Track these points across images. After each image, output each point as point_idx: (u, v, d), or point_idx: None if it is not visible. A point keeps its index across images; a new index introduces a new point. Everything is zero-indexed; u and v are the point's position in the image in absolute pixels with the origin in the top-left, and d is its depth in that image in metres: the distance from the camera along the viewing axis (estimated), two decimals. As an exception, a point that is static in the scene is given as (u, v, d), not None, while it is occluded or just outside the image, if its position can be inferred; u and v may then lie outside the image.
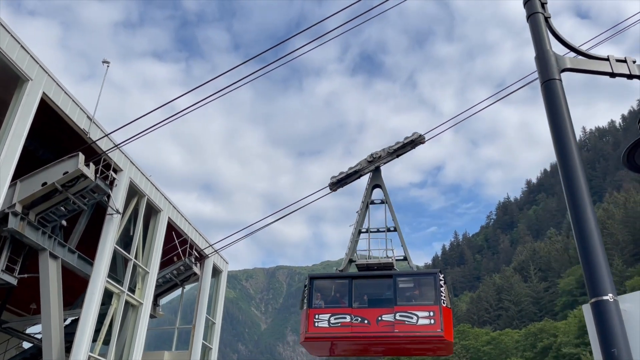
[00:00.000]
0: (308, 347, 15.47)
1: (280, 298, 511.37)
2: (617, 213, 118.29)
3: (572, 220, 4.31)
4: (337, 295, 15.19)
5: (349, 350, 16.20)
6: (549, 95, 4.92)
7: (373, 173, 17.26)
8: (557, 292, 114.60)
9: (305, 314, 14.82)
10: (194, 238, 26.15)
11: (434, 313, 14.37)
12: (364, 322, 14.38)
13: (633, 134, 4.61)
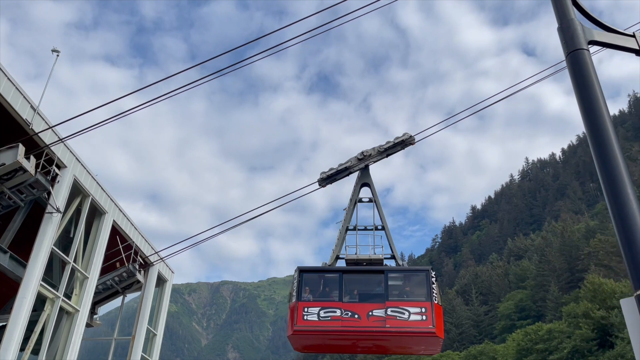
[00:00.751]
0: (295, 340, 15.08)
1: (224, 314, 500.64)
2: (555, 241, 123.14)
3: (610, 208, 3.94)
4: (327, 289, 14.92)
5: (337, 346, 15.88)
6: (577, 66, 4.57)
7: (362, 171, 17.16)
8: (496, 315, 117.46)
9: (294, 306, 14.45)
10: (140, 244, 24.85)
11: (425, 309, 14.32)
12: (355, 316, 14.08)
13: (572, 167, 4.56)
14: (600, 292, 64.86)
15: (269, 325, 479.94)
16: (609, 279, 68.06)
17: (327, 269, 15.53)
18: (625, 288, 63.83)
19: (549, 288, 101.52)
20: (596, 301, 63.91)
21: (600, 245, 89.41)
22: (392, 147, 17.13)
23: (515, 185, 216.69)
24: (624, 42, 5.18)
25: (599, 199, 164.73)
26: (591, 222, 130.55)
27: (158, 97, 14.02)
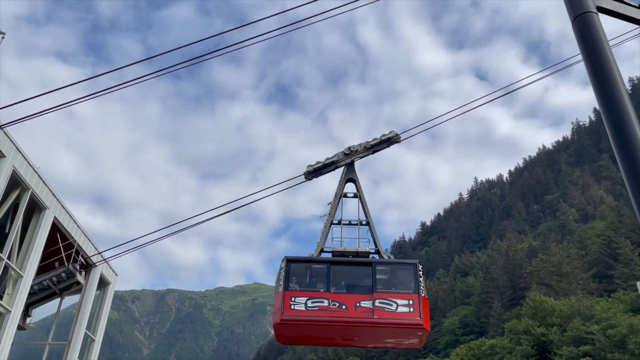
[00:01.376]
0: (281, 330, 14.77)
1: (168, 323, 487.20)
2: (499, 260, 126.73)
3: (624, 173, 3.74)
4: (314, 280, 14.79)
5: (322, 337, 15.72)
6: (584, 30, 4.32)
7: (347, 167, 17.16)
8: (441, 330, 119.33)
9: (281, 296, 14.24)
10: (82, 244, 23.61)
11: (413, 302, 14.44)
12: (342, 307, 14.07)
13: (518, 188, 4.53)
14: (540, 310, 67.03)
15: (214, 335, 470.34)
16: (549, 297, 70.45)
17: (315, 260, 15.49)
18: (564, 306, 66.27)
19: (493, 305, 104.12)
20: (537, 318, 65.98)
21: (541, 265, 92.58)
22: (379, 144, 17.22)
23: (464, 204, 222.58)
24: (630, 13, 5.11)
25: (542, 220, 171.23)
26: (534, 242, 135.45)
27: (104, 90, 13.35)
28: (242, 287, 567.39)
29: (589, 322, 58.80)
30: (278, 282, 14.84)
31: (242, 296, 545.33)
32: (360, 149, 17.17)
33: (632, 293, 63.94)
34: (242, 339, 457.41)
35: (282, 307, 14.23)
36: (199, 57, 14.66)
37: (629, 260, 73.28)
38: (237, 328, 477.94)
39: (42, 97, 12.72)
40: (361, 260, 15.65)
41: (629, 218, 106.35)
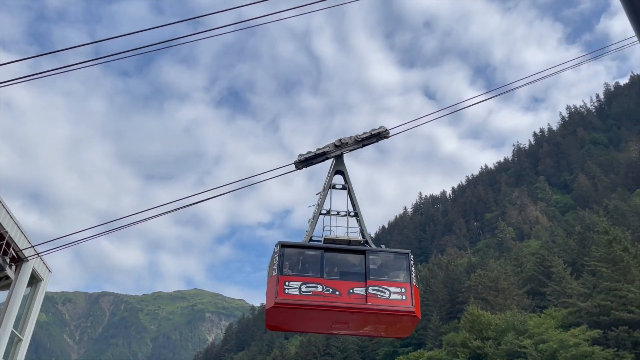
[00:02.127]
0: (274, 314, 14.62)
1: (100, 327, 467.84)
2: (439, 274, 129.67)
3: None
4: (307, 266, 14.81)
5: (315, 323, 15.41)
6: None
7: (336, 159, 17.33)
8: (380, 342, 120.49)
9: (275, 280, 14.20)
10: (14, 236, 22.06)
11: (405, 290, 14.66)
12: (336, 293, 14.20)
13: (460, 205, 4.51)
14: (477, 324, 68.90)
15: (149, 341, 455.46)
16: (486, 312, 72.58)
17: (309, 246, 15.45)
18: (500, 321, 68.45)
19: (432, 317, 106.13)
20: (474, 331, 67.77)
21: (479, 280, 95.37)
22: (368, 137, 17.39)
23: (408, 218, 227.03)
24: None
25: (481, 237, 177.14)
26: (473, 258, 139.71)
27: (32, 75, 12.44)
28: (181, 293, 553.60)
29: (522, 336, 60.95)
30: (271, 266, 14.73)
31: (180, 302, 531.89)
32: (350, 141, 17.36)
33: (563, 310, 66.89)
34: (178, 346, 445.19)
35: (276, 291, 14.12)
36: (140, 48, 13.93)
37: (560, 278, 76.63)
38: (174, 334, 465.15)
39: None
40: (354, 248, 15.70)
41: (561, 238, 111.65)
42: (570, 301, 66.14)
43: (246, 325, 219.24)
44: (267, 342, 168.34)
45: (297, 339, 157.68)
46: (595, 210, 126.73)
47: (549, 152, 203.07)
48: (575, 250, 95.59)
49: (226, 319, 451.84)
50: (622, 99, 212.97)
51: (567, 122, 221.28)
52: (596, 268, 63.66)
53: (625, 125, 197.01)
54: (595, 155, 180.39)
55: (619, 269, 59.26)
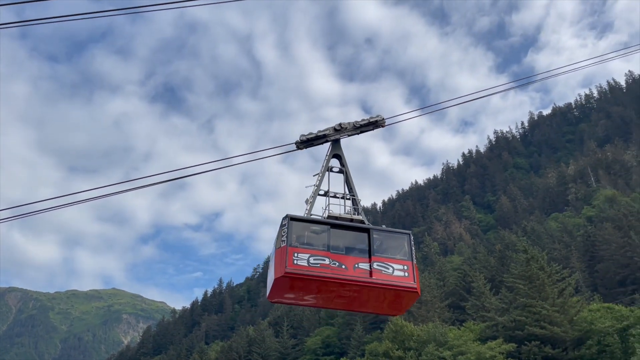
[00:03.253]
0: (281, 284, 14.70)
1: (5, 325, 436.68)
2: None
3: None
4: (314, 240, 15.10)
5: (319, 295, 15.45)
6: None
7: (334, 143, 17.63)
8: (303, 349, 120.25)
9: (284, 250, 14.45)
10: None
11: (407, 267, 15.19)
12: (342, 267, 14.57)
13: (389, 218, 4.42)
14: (400, 334, 70.14)
15: (58, 342, 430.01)
16: (410, 322, 74.10)
17: (317, 220, 15.75)
18: (422, 332, 70.06)
19: (355, 327, 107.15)
20: (396, 342, 68.90)
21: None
22: (366, 125, 17.72)
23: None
24: None
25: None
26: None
27: None
28: (97, 292, 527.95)
29: (442, 347, 62.61)
30: (280, 238, 14.93)
31: (96, 301, 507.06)
32: (349, 127, 17.65)
33: (482, 323, 69.52)
34: (90, 348, 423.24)
35: (286, 261, 14.30)
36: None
37: (480, 293, 79.76)
38: (86, 335, 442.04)
39: None
40: (359, 226, 16.06)
41: (483, 255, 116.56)
42: (488, 315, 68.83)
43: (165, 328, 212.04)
44: (187, 347, 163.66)
45: (217, 344, 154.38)
46: (514, 231, 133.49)
47: (475, 173, 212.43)
48: (495, 268, 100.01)
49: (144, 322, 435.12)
50: (544, 128, 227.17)
51: (493, 145, 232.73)
52: (514, 284, 66.70)
53: (545, 152, 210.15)
54: (517, 178, 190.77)
55: (535, 287, 62.39)
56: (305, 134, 17.37)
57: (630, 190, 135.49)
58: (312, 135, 17.37)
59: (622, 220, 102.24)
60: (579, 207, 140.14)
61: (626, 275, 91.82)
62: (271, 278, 15.21)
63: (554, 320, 59.11)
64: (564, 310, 60.25)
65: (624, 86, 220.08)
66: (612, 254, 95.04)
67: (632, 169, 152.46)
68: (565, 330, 58.41)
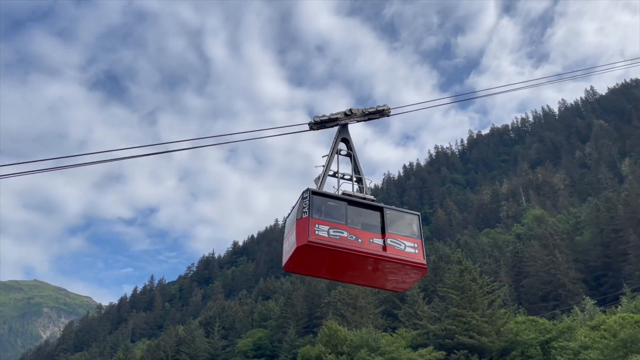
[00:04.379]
0: (301, 254, 15.25)
1: None
2: (301, 288, 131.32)
3: None
4: (332, 214, 15.64)
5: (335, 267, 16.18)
6: None
7: (342, 127, 18.14)
8: (233, 351, 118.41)
9: (306, 221, 15.03)
10: None
11: (417, 245, 16.15)
12: (358, 240, 15.29)
13: None
14: (334, 338, 70.36)
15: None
16: (344, 327, 74.52)
17: (335, 196, 16.38)
18: (355, 337, 70.63)
19: (288, 330, 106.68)
20: (329, 346, 69.02)
21: (339, 297, 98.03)
22: (373, 112, 18.34)
23: (278, 230, 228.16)
24: None
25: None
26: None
27: None
28: (17, 283, 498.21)
29: (374, 353, 63.35)
30: (301, 209, 15.47)
31: (15, 292, 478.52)
32: (358, 113, 18.24)
33: (413, 331, 70.99)
34: (4, 341, 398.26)
35: (308, 230, 14.89)
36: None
37: (414, 301, 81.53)
38: (2, 328, 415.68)
39: None
40: (372, 204, 16.78)
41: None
42: (420, 323, 70.40)
43: (89, 324, 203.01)
44: (111, 344, 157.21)
45: (144, 343, 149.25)
46: (448, 243, 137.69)
47: (414, 185, 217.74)
48: (428, 278, 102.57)
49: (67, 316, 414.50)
50: (482, 147, 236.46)
51: (433, 160, 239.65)
52: (447, 294, 68.63)
53: (481, 170, 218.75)
54: (453, 193, 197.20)
55: (467, 297, 64.48)
56: (319, 116, 17.94)
57: (557, 211, 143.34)
58: (326, 118, 17.89)
59: (548, 239, 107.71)
60: (510, 224, 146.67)
61: (549, 291, 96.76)
62: (290, 247, 15.80)
63: (483, 331, 61.23)
64: (492, 321, 62.56)
65: (557, 113, 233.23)
66: (537, 271, 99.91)
67: (560, 191, 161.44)
68: (492, 340, 60.65)
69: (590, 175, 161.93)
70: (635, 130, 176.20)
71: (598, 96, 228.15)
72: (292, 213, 16.41)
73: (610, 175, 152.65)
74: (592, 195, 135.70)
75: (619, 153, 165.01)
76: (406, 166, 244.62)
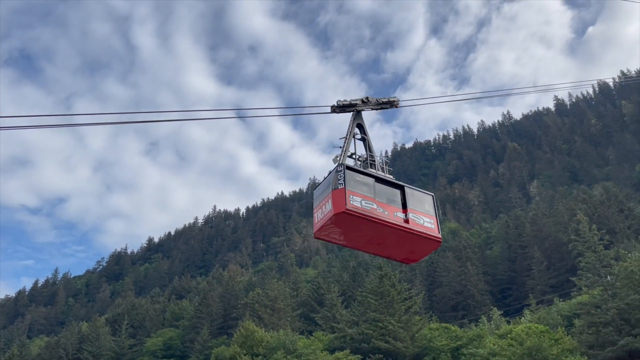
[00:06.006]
0: (336, 221, 16.47)
1: None
2: (217, 288, 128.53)
3: None
4: (363, 188, 16.99)
5: (363, 236, 17.47)
6: None
7: (357, 113, 19.16)
8: (141, 350, 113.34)
9: (342, 191, 16.41)
10: None
11: (433, 221, 17.95)
12: (385, 212, 16.81)
13: (251, 225, 3.84)
14: (250, 339, 69.05)
15: None
16: (260, 329, 73.39)
17: (365, 172, 17.63)
18: (272, 339, 69.71)
19: (201, 330, 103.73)
20: (245, 347, 67.60)
21: (257, 298, 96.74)
22: (386, 102, 19.52)
23: (197, 229, 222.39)
24: None
25: (265, 259, 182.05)
26: (253, 278, 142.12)
27: None
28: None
29: (290, 355, 62.78)
30: (336, 181, 16.76)
31: None
32: (373, 101, 19.42)
33: (331, 335, 71.21)
34: None
35: (345, 200, 16.13)
36: None
37: (332, 304, 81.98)
38: None
39: None
40: (395, 182, 18.24)
41: (337, 270, 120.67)
42: (338, 327, 70.72)
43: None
44: (5, 340, 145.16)
45: (42, 340, 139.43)
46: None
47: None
48: (347, 283, 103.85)
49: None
50: (405, 160, 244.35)
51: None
52: (366, 299, 69.53)
53: (403, 182, 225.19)
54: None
55: (385, 302, 65.64)
56: (342, 100, 19.08)
57: (470, 225, 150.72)
58: (347, 102, 19.04)
59: (461, 251, 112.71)
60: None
61: (459, 301, 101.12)
62: (325, 215, 16.94)
63: (398, 336, 62.52)
64: (407, 327, 64.06)
65: (476, 133, 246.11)
66: (450, 281, 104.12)
67: (474, 207, 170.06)
68: (407, 345, 62.07)
69: (502, 193, 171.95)
70: (544, 154, 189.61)
71: (513, 121, 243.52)
72: (321, 186, 17.87)
73: (520, 195, 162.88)
74: (503, 213, 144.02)
75: (528, 175, 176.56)
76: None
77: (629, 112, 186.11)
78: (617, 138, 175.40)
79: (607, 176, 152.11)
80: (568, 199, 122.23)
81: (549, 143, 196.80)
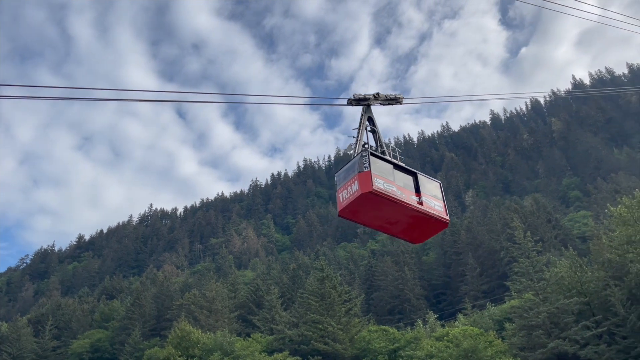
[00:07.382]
0: (362, 201, 17.73)
1: None
2: (151, 288, 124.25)
3: None
4: (384, 172, 18.34)
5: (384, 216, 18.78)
6: None
7: (368, 107, 20.27)
8: (66, 352, 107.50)
9: (368, 174, 17.83)
10: None
11: (442, 205, 19.64)
12: (403, 195, 18.27)
13: (189, 225, 3.66)
14: (185, 340, 66.90)
15: None
16: (197, 330, 71.31)
17: (386, 158, 19.09)
18: (208, 340, 67.86)
19: (133, 332, 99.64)
20: (180, 348, 65.40)
21: (193, 299, 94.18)
22: (392, 99, 20.97)
23: (132, 227, 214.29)
24: None
25: (202, 260, 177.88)
26: (190, 279, 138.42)
27: None
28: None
29: (227, 357, 61.29)
30: (362, 164, 18.17)
31: None
32: (383, 97, 20.81)
33: (269, 336, 70.23)
34: None
35: (371, 181, 17.53)
36: None
37: (272, 306, 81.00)
38: None
39: None
40: (409, 169, 19.74)
41: (277, 272, 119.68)
42: (278, 328, 69.87)
43: None
44: None
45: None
46: (307, 253, 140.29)
47: (280, 194, 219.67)
48: (287, 285, 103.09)
49: None
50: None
51: (301, 172, 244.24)
52: (307, 300, 69.11)
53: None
54: (316, 206, 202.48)
55: (326, 304, 65.52)
56: (357, 94, 20.58)
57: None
58: (361, 96, 20.40)
59: (399, 256, 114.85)
60: (365, 240, 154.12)
61: (396, 305, 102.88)
62: (351, 195, 18.03)
63: (338, 338, 62.52)
64: (347, 329, 64.22)
65: (416, 143, 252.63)
66: (387, 285, 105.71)
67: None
68: (346, 347, 62.19)
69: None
70: (479, 165, 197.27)
71: (451, 132, 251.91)
72: (345, 169, 18.97)
73: (456, 203, 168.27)
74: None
75: (464, 184, 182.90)
76: (274, 175, 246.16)
77: (558, 129, 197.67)
78: (546, 153, 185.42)
79: (537, 188, 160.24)
80: (501, 208, 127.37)
81: (484, 155, 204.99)
